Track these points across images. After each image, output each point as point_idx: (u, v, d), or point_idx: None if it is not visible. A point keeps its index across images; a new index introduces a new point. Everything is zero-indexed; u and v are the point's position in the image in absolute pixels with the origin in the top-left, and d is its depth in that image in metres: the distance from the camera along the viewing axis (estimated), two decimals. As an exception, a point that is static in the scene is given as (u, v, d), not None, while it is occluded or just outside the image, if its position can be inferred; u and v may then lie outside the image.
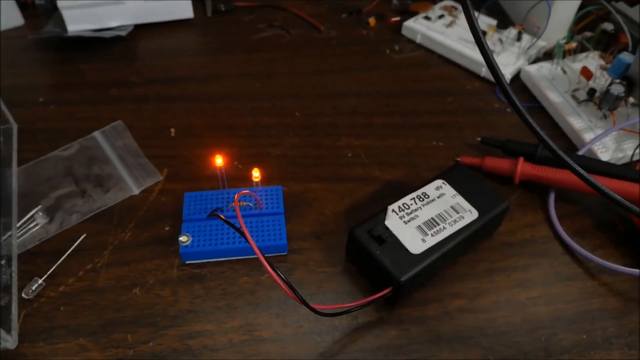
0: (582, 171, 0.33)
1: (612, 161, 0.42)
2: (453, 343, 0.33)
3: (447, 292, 0.35)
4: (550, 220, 0.39)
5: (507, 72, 0.50)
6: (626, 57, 0.44)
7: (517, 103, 0.32)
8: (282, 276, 0.29)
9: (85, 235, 0.37)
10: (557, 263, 0.37)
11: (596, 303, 0.35)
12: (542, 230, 0.39)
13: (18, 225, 0.37)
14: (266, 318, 0.33)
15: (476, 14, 0.31)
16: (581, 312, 0.34)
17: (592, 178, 0.33)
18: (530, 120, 0.32)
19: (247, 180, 0.40)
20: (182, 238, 0.35)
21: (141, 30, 0.55)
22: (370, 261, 0.33)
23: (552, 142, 0.32)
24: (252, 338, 0.32)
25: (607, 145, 0.43)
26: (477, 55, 0.51)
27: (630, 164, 0.43)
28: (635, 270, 0.35)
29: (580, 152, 0.42)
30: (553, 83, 0.48)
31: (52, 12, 0.56)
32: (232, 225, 0.31)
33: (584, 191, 0.39)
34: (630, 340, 0.33)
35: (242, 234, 0.29)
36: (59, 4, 0.52)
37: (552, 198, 0.40)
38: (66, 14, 0.52)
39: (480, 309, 0.34)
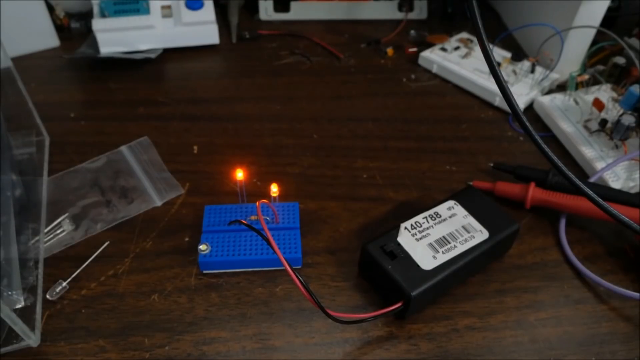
0: (596, 197, 0.33)
1: (624, 190, 0.43)
2: (462, 360, 0.33)
3: (457, 310, 0.36)
4: (561, 244, 0.40)
5: (521, 102, 0.52)
6: (637, 89, 0.45)
7: (531, 130, 0.33)
8: (302, 280, 0.30)
9: (108, 242, 0.39)
10: (567, 286, 0.37)
11: (606, 327, 0.35)
12: (553, 254, 0.39)
13: (46, 230, 0.39)
14: (279, 328, 0.34)
15: (491, 46, 0.32)
16: (590, 335, 0.35)
17: (607, 204, 0.34)
18: (544, 145, 0.33)
19: (265, 196, 0.41)
20: (202, 247, 0.36)
21: (169, 53, 0.58)
22: (382, 275, 0.34)
23: (565, 168, 0.33)
24: (264, 346, 0.33)
25: (618, 174, 0.43)
26: (491, 85, 0.53)
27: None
28: (645, 296, 0.35)
29: (591, 180, 0.43)
30: (565, 113, 0.49)
31: (86, 34, 0.60)
32: (256, 230, 0.32)
33: (595, 217, 0.39)
34: (640, 364, 0.33)
35: (263, 236, 0.30)
36: (94, 27, 0.55)
37: (562, 223, 0.41)
38: (99, 37, 0.55)
39: (489, 328, 0.35)
